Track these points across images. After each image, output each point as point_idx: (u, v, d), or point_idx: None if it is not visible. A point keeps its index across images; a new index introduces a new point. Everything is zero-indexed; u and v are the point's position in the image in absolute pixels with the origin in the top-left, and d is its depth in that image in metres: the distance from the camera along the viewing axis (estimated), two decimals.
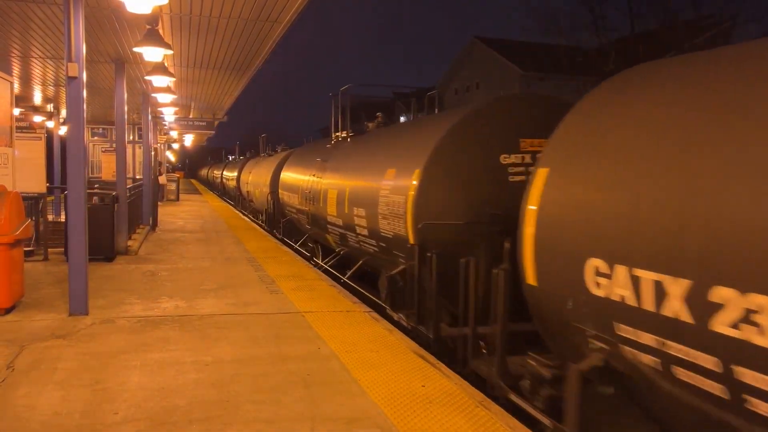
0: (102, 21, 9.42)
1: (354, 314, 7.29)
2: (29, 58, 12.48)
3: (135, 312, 7.25)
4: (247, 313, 7.30)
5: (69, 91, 7.00)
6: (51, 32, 10.18)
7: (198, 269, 10.32)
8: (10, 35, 10.46)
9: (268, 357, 5.61)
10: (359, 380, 5.02)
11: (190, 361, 5.46)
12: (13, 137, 9.04)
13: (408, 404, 4.53)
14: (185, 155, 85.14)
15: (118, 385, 4.83)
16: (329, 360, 5.56)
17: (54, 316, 6.96)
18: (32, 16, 9.25)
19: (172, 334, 6.32)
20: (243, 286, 8.88)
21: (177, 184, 31.37)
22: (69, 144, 7.10)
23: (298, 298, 8.15)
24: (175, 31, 10.05)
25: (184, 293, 8.34)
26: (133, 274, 9.75)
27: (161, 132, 27.92)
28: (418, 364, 5.46)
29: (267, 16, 9.11)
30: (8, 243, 6.93)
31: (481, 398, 4.70)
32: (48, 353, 5.61)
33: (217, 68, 13.38)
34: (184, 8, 8.75)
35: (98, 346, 5.85)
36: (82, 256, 7.11)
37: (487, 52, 41.45)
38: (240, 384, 4.90)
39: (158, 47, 8.89)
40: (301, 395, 4.69)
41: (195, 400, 4.55)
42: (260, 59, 12.39)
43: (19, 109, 17.42)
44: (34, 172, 11.82)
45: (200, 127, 24.33)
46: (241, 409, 4.40)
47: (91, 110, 20.54)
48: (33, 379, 4.95)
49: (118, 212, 11.57)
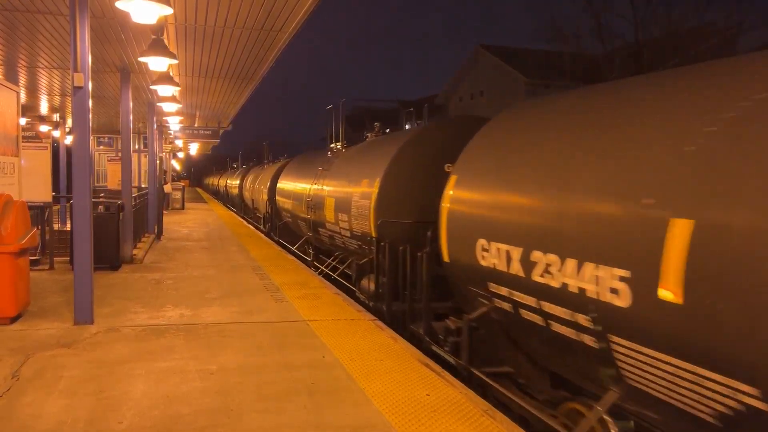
0: (108, 31, 9.49)
1: (359, 322, 7.28)
2: (36, 68, 12.57)
3: (140, 320, 7.26)
4: (252, 321, 7.30)
5: (75, 101, 7.04)
6: (57, 42, 10.26)
7: (203, 277, 10.33)
8: (17, 46, 10.55)
9: (273, 365, 5.61)
10: (364, 389, 5.01)
11: (195, 369, 5.46)
12: (19, 146, 9.08)
13: (413, 413, 4.52)
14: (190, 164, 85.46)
15: (122, 393, 4.83)
16: (334, 368, 5.55)
17: (59, 325, 6.97)
18: (39, 27, 9.33)
19: (176, 343, 6.32)
20: (248, 294, 8.88)
21: (182, 192, 31.48)
22: (75, 153, 7.13)
23: (302, 306, 8.14)
24: (180, 40, 10.12)
25: (189, 301, 8.35)
26: (138, 283, 9.77)
27: (166, 141, 28.02)
28: (423, 373, 5.44)
29: (271, 25, 9.16)
30: (14, 252, 6.96)
31: (486, 407, 4.68)
32: (53, 362, 5.62)
33: (222, 77, 13.45)
34: (189, 18, 8.81)
35: (103, 355, 5.86)
36: (88, 265, 7.13)
37: (492, 59, 41.55)
38: (244, 392, 4.90)
39: (163, 57, 8.94)
40: (305, 404, 4.68)
41: (199, 408, 4.55)
42: (265, 68, 12.45)
43: (26, 119, 17.55)
44: (40, 181, 11.90)
45: (205, 136, 24.42)
46: (245, 418, 4.39)
47: (96, 119, 20.68)
48: (38, 387, 4.96)
49: (123, 221, 11.59)
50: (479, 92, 43.68)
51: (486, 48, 42.93)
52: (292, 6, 8.28)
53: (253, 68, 12.46)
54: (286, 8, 8.36)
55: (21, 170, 9.08)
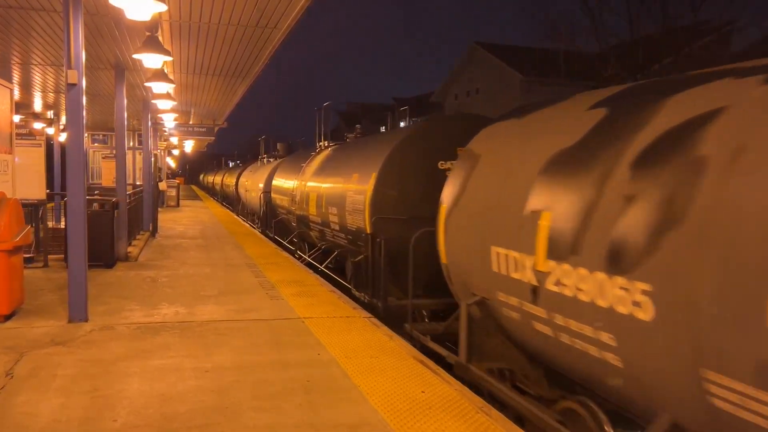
0: (102, 28, 9.44)
1: (354, 320, 7.28)
2: (29, 65, 12.51)
3: (135, 318, 7.24)
4: (248, 319, 7.29)
5: (69, 98, 7.00)
6: (51, 39, 10.21)
7: (198, 275, 10.31)
8: (10, 42, 10.49)
9: (269, 363, 5.60)
10: (359, 386, 5.01)
11: (191, 367, 5.45)
12: (13, 144, 9.03)
13: (408, 410, 4.52)
14: (185, 161, 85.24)
15: (117, 392, 4.82)
16: (329, 366, 5.54)
17: (54, 323, 6.94)
18: (32, 24, 9.28)
19: (172, 341, 6.30)
20: (243, 292, 8.87)
21: (177, 190, 31.36)
22: (69, 150, 7.09)
23: (298, 303, 8.14)
24: (174, 37, 10.08)
25: (185, 299, 8.33)
26: (133, 281, 9.74)
27: (161, 138, 27.94)
28: (418, 370, 5.45)
29: (266, 22, 9.13)
30: (8, 250, 6.93)
31: (482, 404, 4.69)
32: (48, 360, 5.60)
33: (217, 74, 13.41)
34: (183, 15, 8.78)
35: (98, 353, 5.84)
36: (82, 263, 7.11)
37: (487, 57, 41.45)
38: (240, 390, 4.89)
39: (158, 54, 8.90)
40: (301, 402, 4.67)
41: (195, 406, 4.54)
42: (260, 65, 12.41)
43: (20, 116, 17.45)
44: (34, 179, 11.82)
45: (200, 133, 24.35)
46: (241, 416, 4.39)
47: (91, 117, 20.58)
48: (32, 386, 4.94)
49: (118, 218, 11.56)
50: (475, 90, 43.60)
51: (481, 46, 42.85)
52: (286, 3, 8.25)
53: (248, 65, 12.43)
54: (280, 5, 8.33)
55: (15, 168, 9.04)
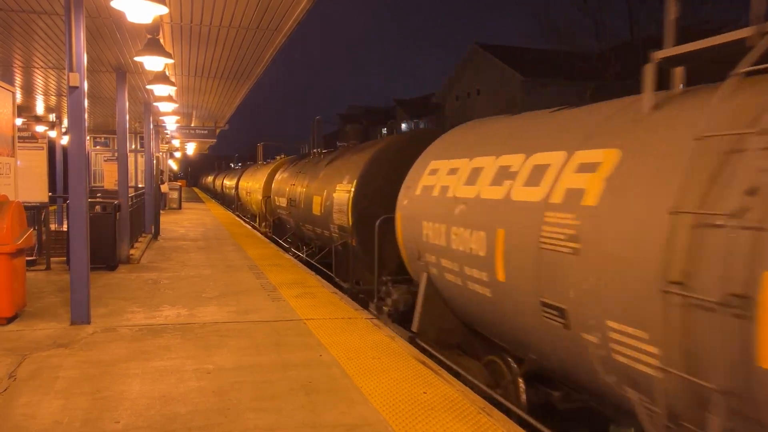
0: (103, 31, 9.47)
1: (355, 321, 7.29)
2: (31, 68, 12.54)
3: (137, 320, 7.26)
4: (249, 320, 7.30)
5: (70, 101, 7.02)
6: (53, 42, 10.23)
7: (200, 277, 10.32)
8: (12, 46, 10.52)
9: (270, 365, 5.61)
10: (361, 387, 5.02)
11: (192, 369, 5.46)
12: (15, 147, 9.06)
13: (410, 411, 4.53)
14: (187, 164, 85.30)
15: (119, 393, 4.83)
16: (331, 367, 5.55)
17: (56, 325, 6.96)
18: (34, 27, 9.30)
19: (173, 342, 6.32)
20: (244, 294, 8.88)
21: (179, 192, 31.41)
22: (71, 153, 7.11)
23: (299, 305, 8.15)
24: (176, 40, 10.10)
25: (186, 301, 8.35)
26: (134, 283, 9.76)
27: (163, 140, 27.95)
28: (420, 371, 5.45)
29: (267, 25, 9.15)
30: (10, 252, 6.95)
31: (483, 404, 4.69)
32: (49, 362, 5.62)
33: (218, 77, 13.43)
34: (184, 18, 8.80)
35: (100, 355, 5.85)
36: (84, 265, 7.12)
37: (488, 58, 41.49)
38: (241, 392, 4.90)
39: (159, 56, 8.91)
40: (302, 403, 4.68)
41: (196, 408, 4.55)
42: (261, 67, 12.43)
43: (22, 119, 17.48)
44: (37, 182, 11.87)
45: (202, 136, 24.38)
46: (242, 417, 4.39)
47: (93, 119, 20.63)
48: (34, 388, 4.96)
49: (120, 221, 11.58)
50: (476, 91, 43.63)
51: (482, 47, 42.87)
52: (287, 6, 8.27)
53: (249, 68, 12.44)
54: (281, 8, 8.35)
55: (17, 171, 9.06)
